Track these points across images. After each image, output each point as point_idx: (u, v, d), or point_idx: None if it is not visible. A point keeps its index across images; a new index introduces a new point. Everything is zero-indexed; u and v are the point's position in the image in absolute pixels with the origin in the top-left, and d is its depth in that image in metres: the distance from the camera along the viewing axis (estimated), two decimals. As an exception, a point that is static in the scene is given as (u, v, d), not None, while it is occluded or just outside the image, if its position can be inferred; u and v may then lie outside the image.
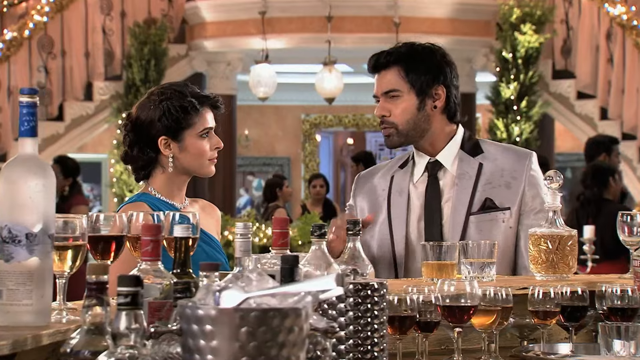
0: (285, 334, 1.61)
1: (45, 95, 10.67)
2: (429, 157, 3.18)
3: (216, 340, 1.60)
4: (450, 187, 3.14)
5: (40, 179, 1.89)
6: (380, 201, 3.21)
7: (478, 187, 3.11)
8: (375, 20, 10.61)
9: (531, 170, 3.15)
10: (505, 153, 3.18)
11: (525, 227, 3.06)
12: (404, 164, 3.24)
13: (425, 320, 2.34)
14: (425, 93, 3.12)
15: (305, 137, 16.02)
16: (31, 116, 1.88)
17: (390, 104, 3.12)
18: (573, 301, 2.51)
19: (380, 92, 3.14)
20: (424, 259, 2.72)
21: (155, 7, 11.10)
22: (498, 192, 3.11)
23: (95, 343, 1.65)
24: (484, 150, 3.18)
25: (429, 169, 3.18)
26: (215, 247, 3.11)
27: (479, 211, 3.09)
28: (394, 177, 3.22)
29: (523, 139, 10.69)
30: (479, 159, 3.16)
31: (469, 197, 3.10)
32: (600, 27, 10.49)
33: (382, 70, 3.13)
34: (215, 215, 3.23)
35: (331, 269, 2.10)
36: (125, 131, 3.08)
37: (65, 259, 1.99)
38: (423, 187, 3.17)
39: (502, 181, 3.12)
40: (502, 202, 3.10)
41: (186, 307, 1.65)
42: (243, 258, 1.87)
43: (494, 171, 3.13)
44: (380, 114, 3.14)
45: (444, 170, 3.17)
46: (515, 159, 3.15)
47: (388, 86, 3.12)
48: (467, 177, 3.13)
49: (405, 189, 3.18)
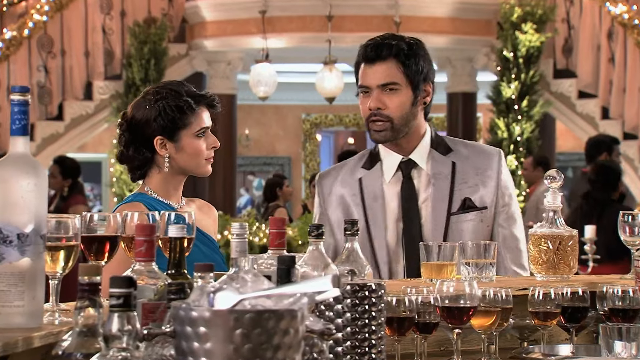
0: (281, 336, 1.59)
1: (45, 94, 10.66)
2: (402, 157, 3.14)
3: (210, 342, 1.58)
4: (425, 186, 3.12)
5: (32, 178, 1.86)
6: (354, 208, 3.15)
7: (455, 186, 3.10)
8: (375, 20, 10.59)
9: (502, 167, 3.16)
10: (475, 152, 3.18)
11: (498, 226, 3.10)
12: (369, 164, 3.18)
13: (424, 322, 2.31)
14: (418, 89, 3.10)
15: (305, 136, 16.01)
16: (23, 114, 1.85)
17: (387, 97, 3.07)
18: (574, 302, 2.49)
19: (376, 84, 3.07)
20: (423, 260, 2.70)
21: (155, 6, 11.08)
22: (475, 191, 3.11)
23: (87, 345, 1.63)
24: (453, 149, 3.17)
25: (402, 169, 3.14)
26: (213, 247, 3.08)
27: (459, 211, 3.08)
28: (363, 180, 3.17)
29: (524, 138, 10.68)
30: (451, 158, 3.14)
31: (448, 197, 3.09)
32: (601, 26, 10.47)
33: (379, 61, 3.07)
34: (212, 215, 3.20)
35: (329, 270, 2.08)
36: (120, 131, 3.05)
37: (57, 259, 1.96)
38: (397, 188, 3.13)
39: (478, 180, 3.12)
40: (479, 200, 3.10)
41: (179, 308, 1.62)
42: (239, 258, 1.84)
43: (467, 170, 3.12)
44: (376, 106, 3.06)
45: (418, 169, 3.14)
46: (486, 157, 3.15)
47: (387, 78, 3.06)
48: (443, 176, 3.11)
49: (379, 193, 3.13)
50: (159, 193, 3.03)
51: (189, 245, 2.21)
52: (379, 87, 3.07)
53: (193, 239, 2.23)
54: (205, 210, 3.17)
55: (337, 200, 3.18)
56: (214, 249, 3.08)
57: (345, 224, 2.22)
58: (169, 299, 1.77)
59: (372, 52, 3.07)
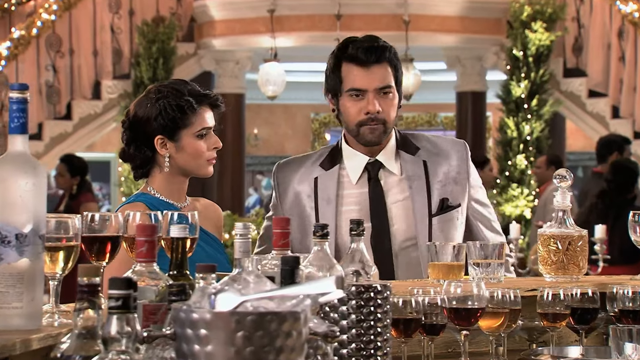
0: (283, 338, 1.57)
1: (54, 94, 10.66)
2: (368, 157, 3.09)
3: (211, 345, 1.55)
4: (395, 188, 3.07)
5: (31, 177, 1.83)
6: (308, 211, 3.09)
7: (431, 187, 3.07)
8: (384, 19, 10.56)
9: (469, 159, 3.14)
10: (441, 146, 3.13)
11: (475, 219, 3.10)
12: (328, 164, 3.12)
13: (431, 323, 2.29)
14: (400, 92, 3.09)
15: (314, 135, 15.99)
16: (21, 112, 1.83)
17: (382, 100, 3.02)
18: (583, 303, 2.47)
19: (374, 87, 3.01)
20: (430, 260, 2.67)
21: (163, 5, 11.08)
22: (450, 190, 3.08)
23: (86, 348, 1.62)
24: (419, 146, 3.12)
25: (369, 170, 3.09)
26: (217, 248, 3.05)
27: (439, 212, 3.05)
28: (318, 180, 3.11)
29: (534, 137, 10.64)
30: (421, 157, 3.10)
31: (426, 199, 3.05)
32: (611, 25, 10.43)
33: (376, 64, 3.02)
34: (218, 214, 3.17)
35: (334, 271, 2.05)
36: (123, 128, 3.03)
37: (57, 260, 1.94)
38: (364, 189, 3.08)
39: (450, 177, 3.09)
40: (454, 199, 3.08)
41: (180, 310, 1.60)
42: (243, 259, 1.82)
43: (438, 168, 3.09)
44: (377, 110, 3.01)
45: (385, 170, 3.09)
46: (453, 152, 3.12)
47: (385, 82, 3.02)
48: (417, 177, 3.07)
49: (332, 197, 3.07)
50: (162, 193, 3.00)
51: (192, 246, 2.18)
52: (375, 90, 3.02)
53: (196, 239, 2.21)
54: (211, 210, 3.14)
55: (293, 199, 3.13)
56: (218, 249, 3.05)
57: (350, 224, 2.18)
58: (170, 300, 1.74)
59: (369, 55, 3.01)
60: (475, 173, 3.17)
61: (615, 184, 6.79)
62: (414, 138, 3.15)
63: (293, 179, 3.14)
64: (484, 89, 11.69)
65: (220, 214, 3.19)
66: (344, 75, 3.04)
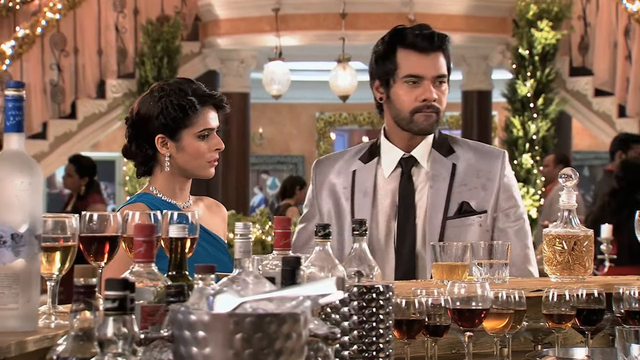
0: (283, 340, 1.55)
1: (58, 93, 10.66)
2: (403, 152, 3.06)
3: (209, 347, 1.54)
4: (423, 185, 3.04)
5: (27, 176, 1.81)
6: (343, 202, 3.07)
7: (453, 189, 3.02)
8: (389, 17, 10.52)
9: (505, 170, 3.07)
10: (477, 153, 3.09)
11: (499, 231, 3.01)
12: (367, 157, 3.10)
13: (434, 324, 2.27)
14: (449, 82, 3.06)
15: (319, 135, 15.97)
16: (17, 110, 1.80)
17: (437, 89, 3.00)
18: (589, 304, 2.44)
19: (432, 75, 2.99)
20: (434, 260, 2.63)
21: (168, 4, 11.07)
22: (474, 195, 3.02)
23: (83, 350, 1.59)
24: (455, 150, 3.08)
25: (402, 165, 3.06)
26: (220, 248, 3.02)
27: (456, 215, 3.00)
28: (356, 173, 3.09)
29: (540, 136, 10.61)
30: (452, 160, 3.06)
31: (445, 201, 3.00)
32: (618, 24, 10.39)
33: (434, 52, 3.00)
34: (222, 214, 3.14)
35: (336, 271, 2.02)
36: (126, 125, 3.01)
37: (53, 260, 1.91)
38: (395, 183, 3.05)
39: (478, 182, 3.03)
40: (478, 204, 3.02)
41: (178, 312, 1.59)
42: (243, 259, 1.79)
43: (468, 172, 3.04)
44: (433, 97, 2.98)
45: (418, 167, 3.06)
46: (488, 159, 3.07)
47: (442, 70, 3.00)
48: (441, 178, 3.03)
49: (369, 189, 3.05)
50: (164, 193, 2.97)
51: (192, 246, 2.16)
52: (433, 78, 2.99)
53: (196, 240, 2.18)
54: (214, 210, 3.11)
55: (328, 190, 3.11)
56: (221, 249, 3.02)
57: (353, 224, 2.15)
58: (168, 301, 1.71)
59: (427, 42, 2.99)
60: (511, 187, 3.07)
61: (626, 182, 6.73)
62: (453, 140, 3.12)
63: (330, 172, 3.12)
64: (490, 88, 11.66)
65: (224, 213, 3.16)
66: (400, 62, 3.00)
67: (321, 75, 12.69)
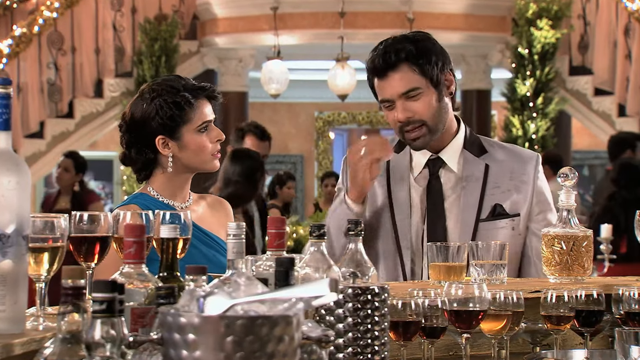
0: (275, 343, 1.53)
1: (55, 92, 10.63)
2: (430, 154, 3.02)
3: (200, 350, 1.51)
4: (453, 188, 2.99)
5: (14, 175, 1.77)
6: (378, 189, 3.00)
7: (486, 190, 2.97)
8: (388, 16, 10.50)
9: (539, 173, 3.03)
10: (510, 154, 3.04)
11: (531, 234, 2.97)
12: (398, 148, 3.05)
13: (431, 326, 2.26)
14: (439, 83, 2.95)
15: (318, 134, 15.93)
16: (4, 108, 1.77)
17: (412, 104, 2.92)
18: (588, 305, 2.42)
19: (397, 94, 2.91)
20: (431, 260, 2.60)
21: (166, 3, 11.05)
22: (507, 197, 2.97)
23: (71, 353, 1.57)
24: (487, 150, 3.03)
25: (429, 167, 3.02)
26: (217, 249, 2.94)
27: (489, 218, 2.95)
28: (391, 161, 3.02)
29: (539, 136, 10.58)
30: (485, 160, 3.01)
31: (478, 202, 2.95)
32: (618, 23, 10.37)
33: (391, 71, 2.91)
34: (225, 210, 3.07)
35: (331, 272, 1.99)
36: (121, 132, 2.94)
37: (41, 261, 1.88)
38: (423, 185, 3.01)
39: (512, 185, 2.98)
40: (512, 207, 2.97)
41: (167, 314, 1.56)
42: (236, 260, 1.76)
43: (501, 173, 2.99)
44: (406, 117, 2.91)
45: (446, 168, 3.01)
46: (522, 161, 3.02)
47: (407, 86, 2.90)
48: (474, 179, 2.97)
49: (406, 176, 3.00)
50: (162, 193, 2.91)
51: (185, 247, 2.13)
52: (400, 96, 2.92)
53: (189, 240, 2.15)
54: (217, 207, 3.05)
55: None
56: (218, 249, 2.94)
57: (348, 224, 2.12)
58: (158, 303, 1.68)
59: (381, 63, 2.91)
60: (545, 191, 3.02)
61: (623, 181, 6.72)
62: (485, 141, 3.07)
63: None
64: (489, 87, 11.64)
65: (229, 210, 3.10)
66: (376, 90, 2.97)
67: (320, 74, 12.66)
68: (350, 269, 2.07)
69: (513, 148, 3.09)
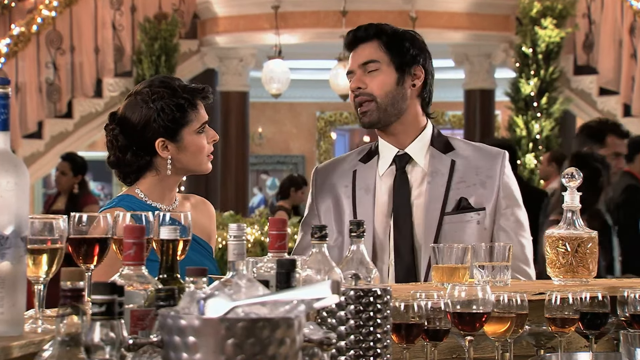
0: (276, 346, 1.52)
1: (54, 91, 10.62)
2: (397, 150, 3.05)
3: (200, 353, 1.50)
4: (419, 182, 3.02)
5: (13, 176, 1.76)
6: (344, 199, 3.06)
7: (452, 185, 2.99)
8: (391, 15, 10.48)
9: (505, 168, 3.04)
10: (477, 151, 3.07)
11: (499, 229, 2.98)
12: (367, 157, 3.10)
13: (434, 328, 2.24)
14: (404, 70, 3.00)
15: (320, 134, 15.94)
16: (3, 108, 1.75)
17: (368, 77, 2.99)
18: (593, 307, 2.41)
19: (357, 65, 3.00)
20: (434, 262, 2.58)
21: (166, 1, 11.06)
22: (473, 191, 2.99)
23: (69, 355, 1.55)
24: (454, 147, 3.07)
25: (396, 162, 3.05)
26: (204, 253, 2.90)
27: (454, 211, 2.97)
28: (357, 172, 3.08)
29: (543, 136, 10.58)
30: (450, 156, 3.04)
31: (443, 196, 2.98)
32: (623, 22, 10.36)
33: (360, 44, 3.01)
34: (208, 212, 3.04)
35: (333, 274, 1.97)
36: (112, 135, 2.87)
37: (40, 263, 1.86)
38: (390, 181, 3.03)
39: (477, 180, 3.01)
40: (477, 201, 2.98)
41: (167, 316, 1.55)
42: (237, 262, 1.75)
43: (467, 169, 3.02)
44: (356, 86, 2.99)
45: (413, 164, 3.04)
46: (488, 158, 3.05)
47: (367, 57, 2.99)
48: (440, 174, 3.01)
49: (371, 186, 3.04)
50: (150, 195, 2.86)
51: (185, 248, 2.11)
52: (360, 67, 3.00)
53: (189, 242, 2.13)
54: (201, 208, 3.00)
55: (328, 190, 3.09)
56: (205, 255, 2.91)
57: (350, 225, 2.10)
58: (158, 305, 1.66)
59: (351, 37, 3.03)
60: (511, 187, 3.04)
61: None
62: (453, 140, 3.11)
63: (331, 175, 3.12)
64: (493, 86, 11.63)
65: (212, 211, 3.07)
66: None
67: (321, 73, 12.66)
68: (352, 271, 2.06)
69: (480, 146, 3.13)
